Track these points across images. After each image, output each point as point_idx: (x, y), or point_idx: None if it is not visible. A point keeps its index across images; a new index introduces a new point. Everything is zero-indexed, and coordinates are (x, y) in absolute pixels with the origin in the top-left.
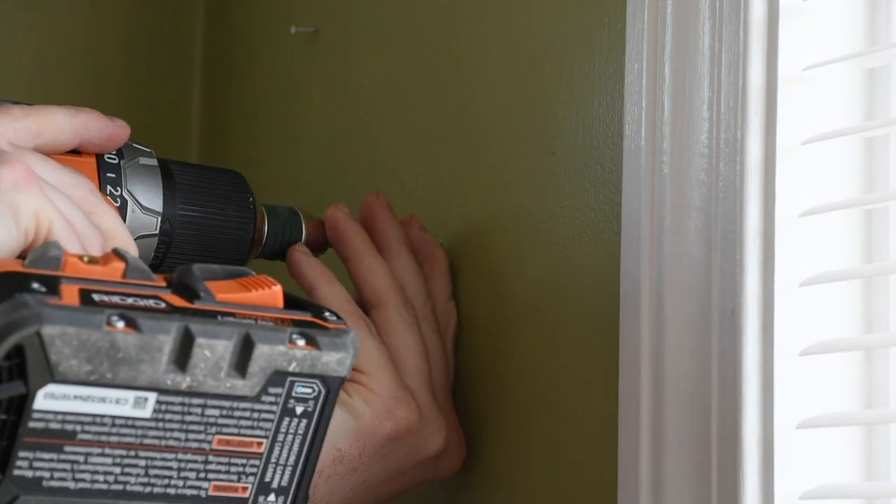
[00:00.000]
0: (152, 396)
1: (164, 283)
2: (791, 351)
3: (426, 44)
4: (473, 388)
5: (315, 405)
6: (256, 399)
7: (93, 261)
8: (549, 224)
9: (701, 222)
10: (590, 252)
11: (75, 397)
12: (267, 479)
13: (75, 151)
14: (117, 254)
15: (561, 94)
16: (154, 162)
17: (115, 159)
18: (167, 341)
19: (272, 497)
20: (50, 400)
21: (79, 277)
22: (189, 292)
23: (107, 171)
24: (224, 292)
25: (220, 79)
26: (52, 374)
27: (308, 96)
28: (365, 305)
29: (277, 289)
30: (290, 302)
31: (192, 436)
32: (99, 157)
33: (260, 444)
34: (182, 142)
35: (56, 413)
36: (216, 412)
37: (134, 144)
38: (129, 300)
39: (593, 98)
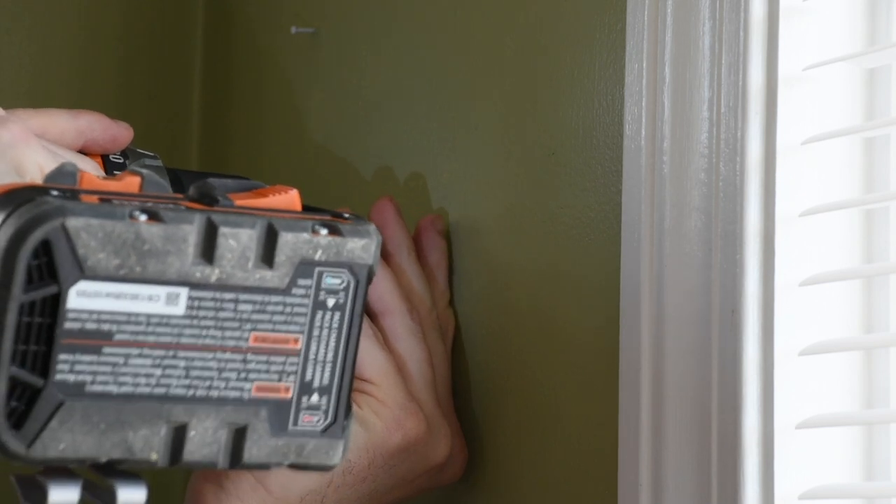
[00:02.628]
0: (184, 292)
1: (181, 196)
2: (791, 351)
3: (426, 44)
4: (473, 390)
5: (346, 297)
6: (287, 292)
7: (108, 177)
8: (549, 224)
9: (701, 222)
10: (590, 252)
11: (107, 294)
12: (308, 378)
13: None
14: (132, 171)
15: (561, 94)
16: (160, 163)
17: (120, 159)
18: (191, 231)
19: (315, 397)
20: (83, 298)
21: (96, 190)
22: (208, 199)
23: (114, 170)
24: (242, 199)
25: (220, 79)
26: (81, 270)
27: (308, 97)
28: (370, 313)
29: (294, 192)
30: (307, 208)
31: (227, 333)
32: (104, 157)
33: (296, 340)
34: (182, 143)
35: (90, 312)
36: (249, 307)
37: (137, 150)
38: (149, 204)
39: (593, 98)
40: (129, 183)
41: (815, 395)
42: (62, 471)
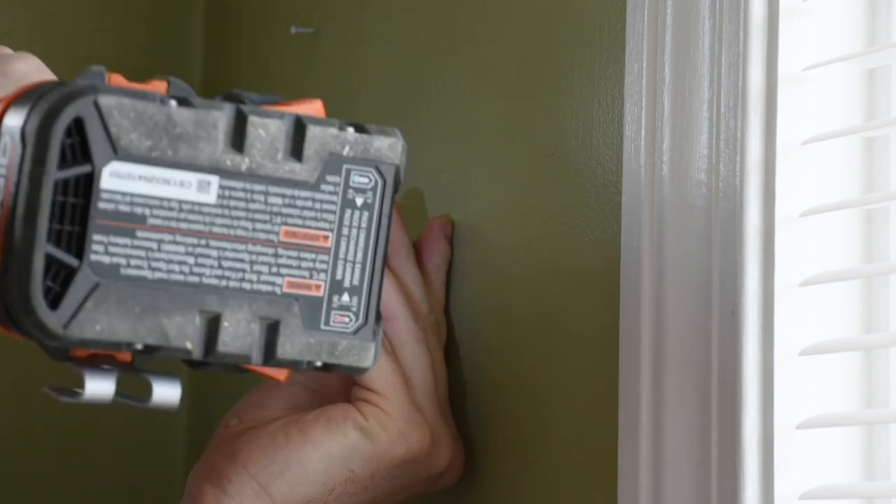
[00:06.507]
0: (214, 180)
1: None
2: (791, 351)
3: (426, 44)
4: (473, 390)
5: (374, 197)
6: (316, 187)
7: (136, 81)
8: (549, 224)
9: (701, 222)
10: (590, 252)
11: (140, 177)
12: (338, 276)
13: None
14: (159, 78)
15: (561, 94)
16: None
17: None
18: (221, 118)
19: (346, 297)
20: (116, 179)
21: (124, 88)
22: (235, 102)
23: None
24: (268, 107)
25: (221, 79)
26: (114, 149)
27: (308, 96)
28: None
29: (318, 102)
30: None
31: (258, 225)
32: None
33: (326, 237)
34: None
35: (123, 194)
36: (279, 200)
37: None
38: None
39: (593, 98)
40: (157, 86)
41: (816, 395)
42: (96, 367)
